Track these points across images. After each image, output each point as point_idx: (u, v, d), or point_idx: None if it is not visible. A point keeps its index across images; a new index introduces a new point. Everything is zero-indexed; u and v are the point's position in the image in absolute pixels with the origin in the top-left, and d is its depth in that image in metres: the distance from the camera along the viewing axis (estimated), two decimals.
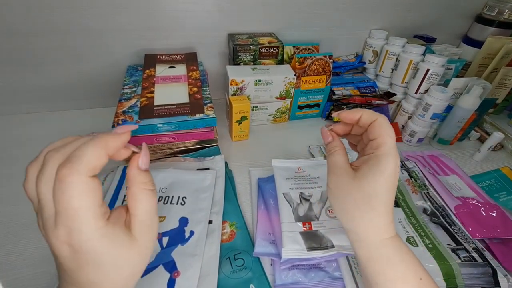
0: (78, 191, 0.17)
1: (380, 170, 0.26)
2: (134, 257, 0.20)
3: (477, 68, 0.65)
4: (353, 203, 0.27)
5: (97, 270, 0.19)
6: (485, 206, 0.43)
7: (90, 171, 0.18)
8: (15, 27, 0.48)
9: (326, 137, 0.31)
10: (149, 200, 0.21)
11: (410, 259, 0.27)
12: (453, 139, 0.57)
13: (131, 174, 0.21)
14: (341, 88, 0.63)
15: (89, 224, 0.18)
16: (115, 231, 0.19)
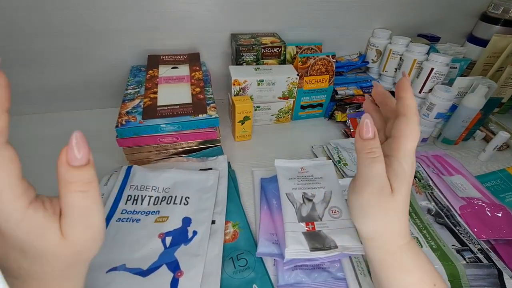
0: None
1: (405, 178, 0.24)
2: (65, 253, 0.18)
3: (482, 67, 0.64)
4: (383, 218, 0.25)
5: (24, 257, 0.17)
6: (491, 207, 0.42)
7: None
8: (19, 29, 0.49)
9: (366, 131, 0.24)
10: (79, 202, 0.18)
11: (425, 265, 0.26)
12: (458, 138, 0.57)
13: (57, 168, 0.17)
14: (344, 88, 0.63)
15: (8, 201, 0.15)
16: (38, 219, 0.16)
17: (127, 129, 0.42)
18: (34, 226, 0.16)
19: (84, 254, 0.20)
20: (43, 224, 0.17)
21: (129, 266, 0.32)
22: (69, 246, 0.18)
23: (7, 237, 0.16)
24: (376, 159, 0.23)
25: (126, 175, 0.43)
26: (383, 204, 0.24)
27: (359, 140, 0.24)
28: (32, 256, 0.17)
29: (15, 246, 0.16)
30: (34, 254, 0.17)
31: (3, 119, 0.15)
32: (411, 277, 0.25)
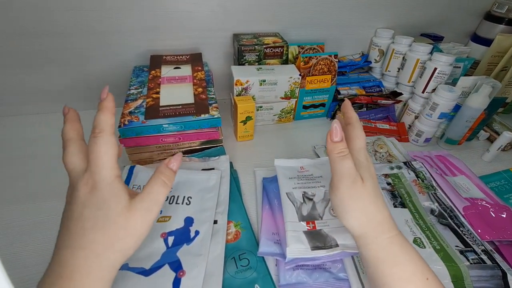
0: (105, 145, 0.23)
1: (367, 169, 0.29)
2: (121, 222, 0.23)
3: (486, 66, 0.64)
4: (362, 207, 0.28)
5: (95, 214, 0.23)
6: (495, 207, 0.42)
7: (111, 129, 0.24)
8: (22, 29, 0.49)
9: (335, 135, 0.29)
10: (159, 187, 0.25)
11: (416, 258, 0.27)
12: (461, 139, 0.57)
13: (162, 167, 0.26)
14: (346, 88, 0.63)
15: (107, 170, 0.23)
16: (119, 186, 0.24)
17: (129, 129, 0.42)
18: (115, 188, 0.23)
19: (130, 237, 0.24)
20: (120, 189, 0.24)
21: (131, 266, 0.32)
22: (128, 217, 0.23)
23: (96, 192, 0.23)
24: (345, 157, 0.28)
25: (129, 175, 0.43)
26: (358, 194, 0.28)
27: (330, 143, 0.29)
28: (101, 213, 0.23)
29: (96, 202, 0.23)
30: (103, 212, 0.23)
31: (113, 119, 0.25)
32: (404, 271, 0.26)
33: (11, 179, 0.45)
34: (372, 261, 0.27)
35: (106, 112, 0.25)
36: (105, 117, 0.24)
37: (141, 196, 0.24)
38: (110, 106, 0.25)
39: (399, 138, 0.59)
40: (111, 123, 0.25)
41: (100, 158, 0.23)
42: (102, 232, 0.22)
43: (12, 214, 0.39)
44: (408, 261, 0.26)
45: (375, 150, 0.54)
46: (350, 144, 0.31)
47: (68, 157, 0.25)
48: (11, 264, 0.34)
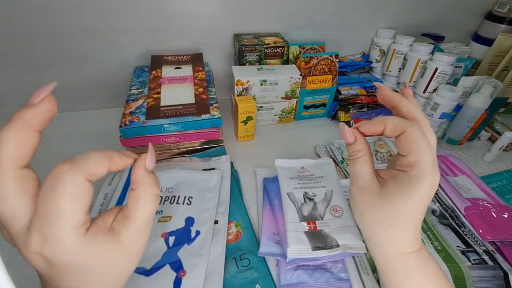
0: (70, 191, 0.16)
1: (410, 193, 0.22)
2: (120, 263, 0.19)
3: (487, 66, 0.64)
4: (375, 220, 0.24)
5: (79, 278, 0.18)
6: (496, 208, 0.42)
7: (89, 174, 0.17)
8: (23, 30, 0.49)
9: (347, 137, 0.25)
10: (152, 205, 0.20)
11: (433, 274, 0.25)
12: (463, 139, 0.56)
13: (138, 175, 0.20)
14: (347, 88, 0.63)
15: (70, 233, 0.16)
16: (96, 241, 0.18)
17: (130, 129, 0.42)
18: (93, 250, 0.17)
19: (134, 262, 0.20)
20: (101, 242, 0.18)
21: None
22: (126, 252, 0.19)
23: (61, 265, 0.17)
24: (355, 160, 0.25)
25: (129, 176, 0.43)
26: (370, 204, 0.24)
27: (346, 146, 0.26)
28: (87, 274, 0.18)
29: (71, 270, 0.17)
30: (89, 271, 0.18)
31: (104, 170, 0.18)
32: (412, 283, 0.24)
33: None
34: (381, 267, 0.26)
35: None
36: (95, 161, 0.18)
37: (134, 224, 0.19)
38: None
39: None
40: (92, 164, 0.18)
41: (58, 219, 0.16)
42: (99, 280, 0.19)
43: None
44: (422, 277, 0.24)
45: (376, 151, 0.54)
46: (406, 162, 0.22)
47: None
48: (12, 264, 0.34)
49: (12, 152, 0.16)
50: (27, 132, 0.17)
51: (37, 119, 0.18)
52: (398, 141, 0.23)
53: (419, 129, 0.22)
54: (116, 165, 0.19)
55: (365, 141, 0.25)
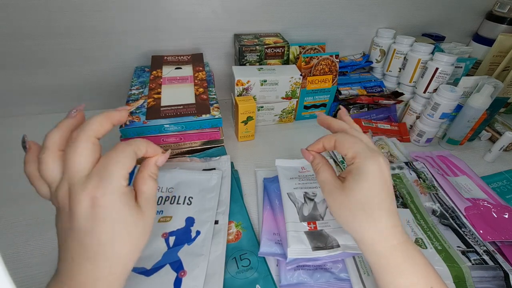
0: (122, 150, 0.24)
1: (362, 178, 0.26)
2: (140, 227, 0.23)
3: (488, 66, 0.64)
4: (350, 215, 0.27)
5: (110, 229, 0.21)
6: (497, 208, 0.42)
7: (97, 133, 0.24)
8: (23, 30, 0.49)
9: (307, 157, 0.32)
10: (153, 184, 0.26)
11: (421, 266, 0.26)
12: (463, 139, 0.56)
13: (147, 164, 0.27)
14: (347, 88, 0.63)
15: (119, 179, 0.22)
16: (130, 196, 0.23)
17: (131, 129, 0.42)
18: (128, 198, 0.23)
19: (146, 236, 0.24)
20: (132, 198, 0.23)
21: None
22: (143, 218, 0.23)
23: (102, 207, 0.21)
24: (318, 171, 0.30)
25: (130, 175, 0.43)
26: (339, 203, 0.28)
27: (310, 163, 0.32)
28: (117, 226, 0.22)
29: (106, 217, 0.21)
30: (119, 224, 0.22)
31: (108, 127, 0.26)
32: (406, 279, 0.25)
33: (12, 179, 0.45)
34: (374, 268, 0.27)
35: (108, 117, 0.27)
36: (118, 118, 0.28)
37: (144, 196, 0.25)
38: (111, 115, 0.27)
39: (400, 138, 0.59)
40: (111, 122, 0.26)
41: (113, 164, 0.22)
42: (120, 244, 0.22)
43: (14, 214, 0.40)
44: (411, 269, 0.25)
45: None
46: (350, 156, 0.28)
47: (77, 152, 0.22)
48: (13, 263, 0.34)
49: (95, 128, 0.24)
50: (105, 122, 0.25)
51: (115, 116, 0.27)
52: (336, 148, 0.29)
53: (344, 134, 0.29)
54: (115, 119, 0.26)
55: (321, 156, 0.32)
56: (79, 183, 0.21)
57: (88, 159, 0.22)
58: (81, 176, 0.21)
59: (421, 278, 0.25)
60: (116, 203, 0.21)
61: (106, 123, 0.25)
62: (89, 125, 0.23)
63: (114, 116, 0.26)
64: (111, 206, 0.21)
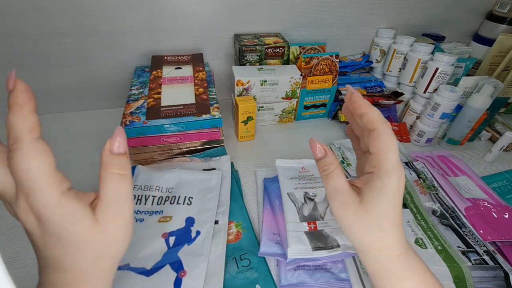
0: (25, 154, 0.17)
1: (384, 193, 0.23)
2: (96, 240, 0.20)
3: (488, 66, 0.64)
4: (362, 228, 0.24)
5: (59, 245, 0.19)
6: (497, 208, 0.42)
7: (32, 133, 0.17)
8: (23, 30, 0.49)
9: (318, 151, 0.26)
10: (117, 185, 0.20)
11: (421, 274, 0.25)
12: (463, 139, 0.56)
13: (101, 157, 0.20)
14: None
15: (44, 188, 0.17)
16: (72, 205, 0.18)
17: (131, 129, 0.42)
18: (68, 210, 0.18)
19: (114, 245, 0.21)
20: (76, 208, 0.19)
21: (133, 266, 0.32)
22: (101, 231, 0.20)
23: (45, 224, 0.18)
24: (329, 175, 0.25)
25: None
26: (353, 218, 0.24)
27: (316, 161, 0.26)
28: (65, 242, 0.19)
29: (52, 232, 0.18)
30: (67, 240, 0.19)
31: (31, 118, 0.17)
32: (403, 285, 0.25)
33: None
34: (372, 274, 0.26)
35: (18, 110, 0.17)
36: (17, 118, 0.17)
37: (103, 203, 0.20)
38: (22, 100, 0.17)
39: (400, 138, 0.59)
40: (29, 125, 0.17)
41: (28, 179, 0.17)
42: (79, 255, 0.19)
43: None
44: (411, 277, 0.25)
45: None
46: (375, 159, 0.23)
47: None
48: (12, 264, 0.34)
49: None
50: None
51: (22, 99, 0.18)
52: (370, 137, 0.24)
53: (389, 128, 0.23)
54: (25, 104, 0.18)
55: (334, 155, 0.26)
56: (14, 204, 0.19)
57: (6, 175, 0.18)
58: (11, 195, 0.19)
59: (419, 283, 0.25)
60: (54, 217, 0.18)
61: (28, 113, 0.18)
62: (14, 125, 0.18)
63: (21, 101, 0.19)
64: (51, 221, 0.18)
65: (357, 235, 0.25)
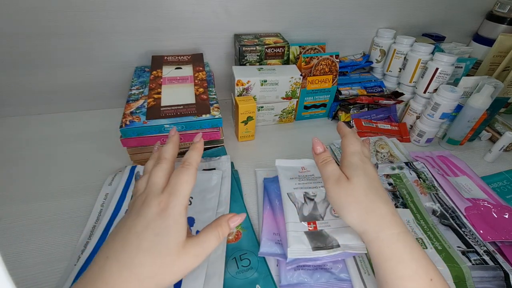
0: (189, 175, 0.26)
1: (354, 168, 0.31)
2: (178, 255, 0.23)
3: (488, 66, 0.64)
4: (354, 203, 0.29)
5: (151, 238, 0.23)
6: (497, 208, 0.42)
7: (197, 165, 0.28)
8: (23, 30, 0.50)
9: (319, 147, 0.34)
10: (213, 240, 0.26)
11: (421, 257, 0.27)
12: (463, 139, 0.56)
13: (222, 220, 0.27)
14: (347, 88, 0.63)
15: (182, 197, 0.25)
16: (184, 220, 0.25)
17: (131, 129, 0.42)
18: (181, 222, 0.24)
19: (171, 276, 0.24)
20: (183, 223, 0.25)
21: None
22: (178, 255, 0.23)
23: (166, 215, 0.24)
24: (327, 163, 0.32)
25: (130, 175, 0.43)
26: (344, 190, 0.30)
27: (315, 156, 0.34)
28: (158, 238, 0.23)
29: (163, 223, 0.24)
30: (161, 238, 0.23)
31: (200, 157, 0.29)
32: (406, 269, 0.26)
33: (13, 179, 0.45)
34: (375, 258, 0.28)
35: (197, 151, 0.29)
36: (195, 155, 0.28)
37: (195, 241, 0.25)
38: (200, 147, 0.29)
39: (400, 138, 0.59)
40: (198, 160, 0.28)
41: (180, 184, 0.25)
42: (153, 258, 0.22)
43: (14, 214, 0.40)
44: (412, 259, 0.26)
45: (376, 151, 0.54)
46: (345, 150, 0.33)
47: (157, 171, 0.27)
48: (13, 263, 0.34)
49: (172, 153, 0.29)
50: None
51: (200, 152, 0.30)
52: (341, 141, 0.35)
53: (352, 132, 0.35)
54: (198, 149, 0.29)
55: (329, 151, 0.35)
56: (155, 194, 0.25)
57: (163, 178, 0.27)
58: (157, 189, 0.25)
59: (420, 268, 0.26)
60: (175, 215, 0.24)
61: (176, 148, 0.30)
62: (194, 158, 0.28)
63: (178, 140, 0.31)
64: (171, 216, 0.24)
65: (351, 211, 0.29)
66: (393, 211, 0.29)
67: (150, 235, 0.23)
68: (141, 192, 0.27)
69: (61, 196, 0.42)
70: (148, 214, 0.24)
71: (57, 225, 0.39)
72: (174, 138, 0.30)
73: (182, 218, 0.24)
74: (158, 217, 0.24)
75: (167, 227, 0.23)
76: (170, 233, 0.23)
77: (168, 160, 0.28)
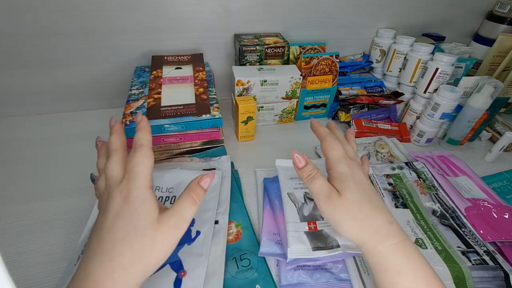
0: (143, 156, 0.26)
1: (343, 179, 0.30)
2: (150, 237, 0.23)
3: (488, 66, 0.64)
4: (349, 217, 0.28)
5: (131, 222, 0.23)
6: (497, 208, 0.42)
7: (149, 144, 0.27)
8: (23, 30, 0.50)
9: (299, 161, 0.31)
10: (189, 205, 0.26)
11: (419, 267, 0.26)
12: (463, 139, 0.56)
13: (192, 184, 0.27)
14: (347, 88, 0.63)
15: (142, 178, 0.25)
16: (151, 197, 0.25)
17: (131, 129, 0.42)
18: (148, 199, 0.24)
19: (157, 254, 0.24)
20: (153, 201, 0.25)
21: None
22: (156, 231, 0.24)
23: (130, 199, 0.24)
24: (313, 178, 0.30)
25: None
26: (338, 208, 0.28)
27: (298, 171, 0.31)
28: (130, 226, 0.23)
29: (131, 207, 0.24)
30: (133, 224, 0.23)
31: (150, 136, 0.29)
32: (405, 280, 0.25)
33: (13, 179, 0.45)
34: (374, 268, 0.27)
35: (143, 130, 0.28)
36: (143, 134, 0.28)
37: (170, 212, 0.25)
38: (145, 125, 0.29)
39: (400, 138, 0.59)
40: (148, 138, 0.28)
41: (136, 166, 0.25)
42: (130, 244, 0.23)
43: (14, 214, 0.40)
44: (410, 270, 0.26)
45: (376, 151, 0.54)
46: (325, 158, 0.32)
47: (110, 165, 0.26)
48: (13, 263, 0.34)
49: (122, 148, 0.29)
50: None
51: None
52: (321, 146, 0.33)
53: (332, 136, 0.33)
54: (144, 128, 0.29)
55: (312, 162, 0.32)
56: (115, 185, 0.25)
57: (119, 170, 0.26)
58: (116, 180, 0.25)
59: (419, 278, 0.26)
60: (141, 195, 0.24)
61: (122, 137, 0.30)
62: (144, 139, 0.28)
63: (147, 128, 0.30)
64: (136, 198, 0.24)
65: (348, 228, 0.28)
66: (389, 219, 0.28)
67: (121, 225, 0.23)
68: (103, 190, 0.27)
69: (61, 196, 0.42)
70: (114, 206, 0.24)
71: (57, 225, 0.39)
72: (114, 128, 0.30)
73: (148, 196, 0.24)
74: (124, 204, 0.24)
75: (135, 210, 0.24)
76: (140, 214, 0.23)
77: (118, 151, 0.28)
